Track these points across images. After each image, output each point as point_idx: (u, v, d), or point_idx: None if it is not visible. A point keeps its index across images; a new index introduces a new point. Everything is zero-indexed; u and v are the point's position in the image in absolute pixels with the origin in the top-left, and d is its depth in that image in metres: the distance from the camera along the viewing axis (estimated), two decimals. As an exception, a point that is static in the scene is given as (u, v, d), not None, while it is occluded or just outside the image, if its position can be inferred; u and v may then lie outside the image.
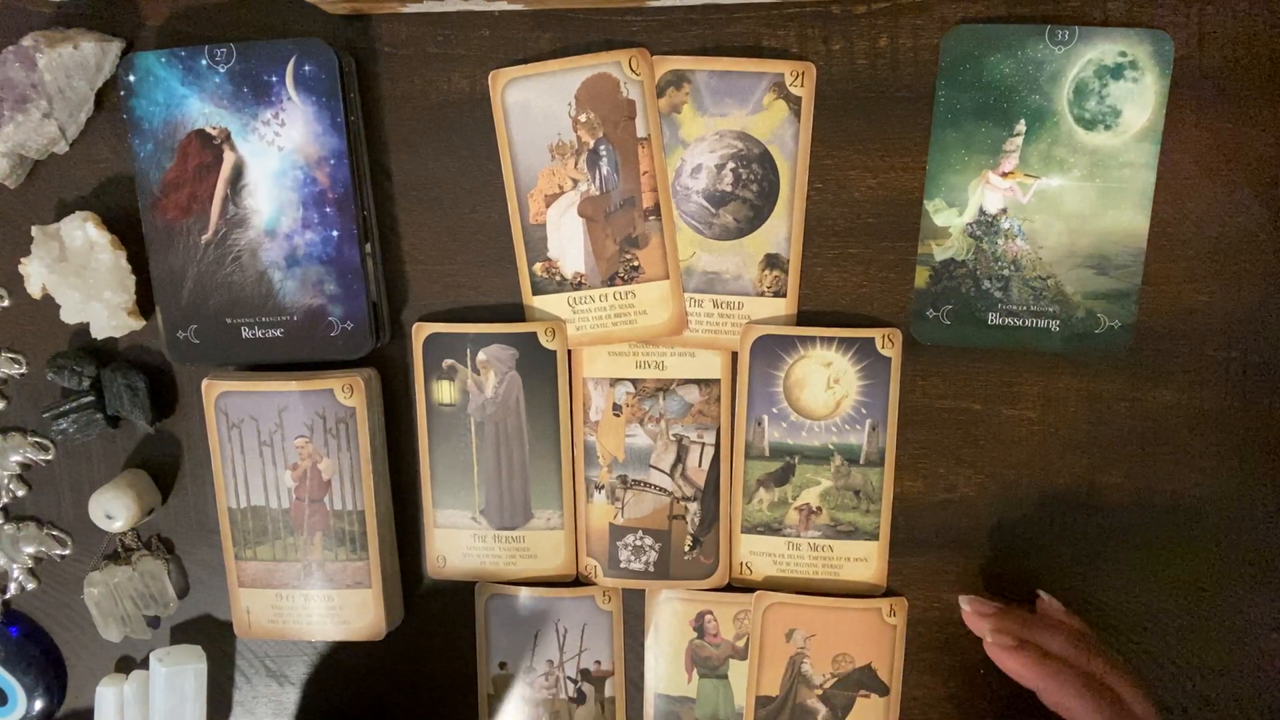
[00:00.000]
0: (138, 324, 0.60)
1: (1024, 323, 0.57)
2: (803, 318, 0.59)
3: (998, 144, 0.55)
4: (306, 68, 0.56)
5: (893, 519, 0.60)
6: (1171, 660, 0.60)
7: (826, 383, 0.59)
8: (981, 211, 0.56)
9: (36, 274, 0.59)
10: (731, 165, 0.58)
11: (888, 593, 0.61)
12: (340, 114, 0.57)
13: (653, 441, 0.61)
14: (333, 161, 0.57)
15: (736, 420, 0.60)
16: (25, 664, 0.66)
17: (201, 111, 0.57)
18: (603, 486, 0.61)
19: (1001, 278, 0.57)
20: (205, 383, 0.59)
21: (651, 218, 0.58)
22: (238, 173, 0.58)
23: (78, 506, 0.64)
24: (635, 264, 0.59)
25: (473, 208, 0.60)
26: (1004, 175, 0.56)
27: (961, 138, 0.56)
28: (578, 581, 0.63)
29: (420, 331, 0.60)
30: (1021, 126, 0.55)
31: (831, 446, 0.59)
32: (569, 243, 0.59)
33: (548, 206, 0.59)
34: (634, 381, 0.60)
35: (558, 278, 0.59)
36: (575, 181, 0.58)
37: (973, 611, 0.55)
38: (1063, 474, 0.59)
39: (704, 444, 0.60)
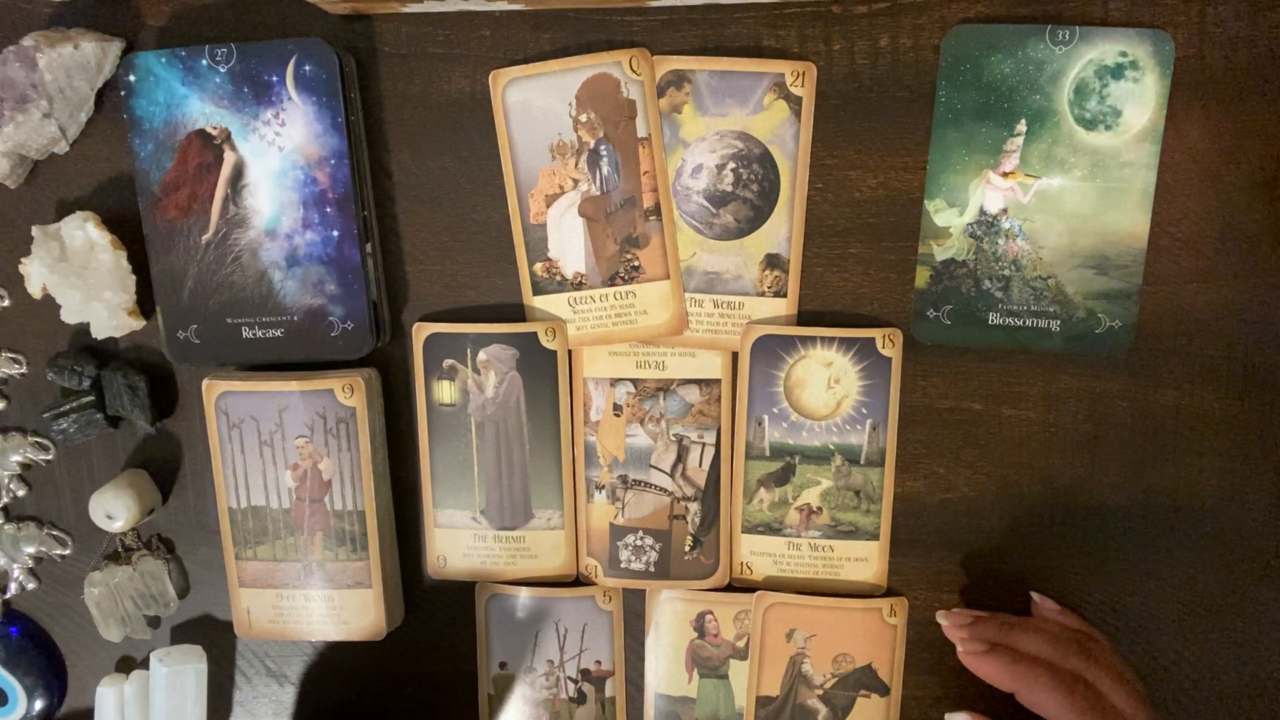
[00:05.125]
0: (138, 324, 0.60)
1: (1025, 323, 0.57)
2: (803, 318, 0.59)
3: (998, 144, 0.55)
4: (307, 68, 0.56)
5: (893, 519, 0.60)
6: (1171, 660, 0.60)
7: (827, 383, 0.59)
8: (982, 211, 0.56)
9: (37, 274, 0.59)
10: (732, 165, 0.58)
11: (888, 593, 0.61)
12: (340, 114, 0.57)
13: (653, 441, 0.61)
14: (333, 161, 0.57)
15: (737, 420, 0.60)
16: (25, 664, 0.65)
17: (202, 111, 0.57)
18: (603, 486, 0.61)
19: (1002, 278, 0.57)
20: (205, 383, 0.59)
21: (652, 218, 0.58)
22: (238, 173, 0.58)
23: (78, 506, 0.64)
24: (636, 264, 0.59)
25: (473, 208, 0.60)
26: (1004, 175, 0.56)
27: (962, 138, 0.56)
28: (578, 581, 0.63)
29: (420, 331, 0.60)
30: (1022, 126, 0.55)
31: (832, 446, 0.59)
32: (569, 243, 0.59)
33: (548, 206, 0.59)
34: (634, 381, 0.60)
35: (558, 278, 0.59)
36: (576, 181, 0.58)
37: (950, 624, 0.56)
38: (1063, 474, 0.59)
39: (704, 444, 0.60)
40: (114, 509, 0.61)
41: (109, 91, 0.60)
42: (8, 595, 0.66)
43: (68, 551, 0.66)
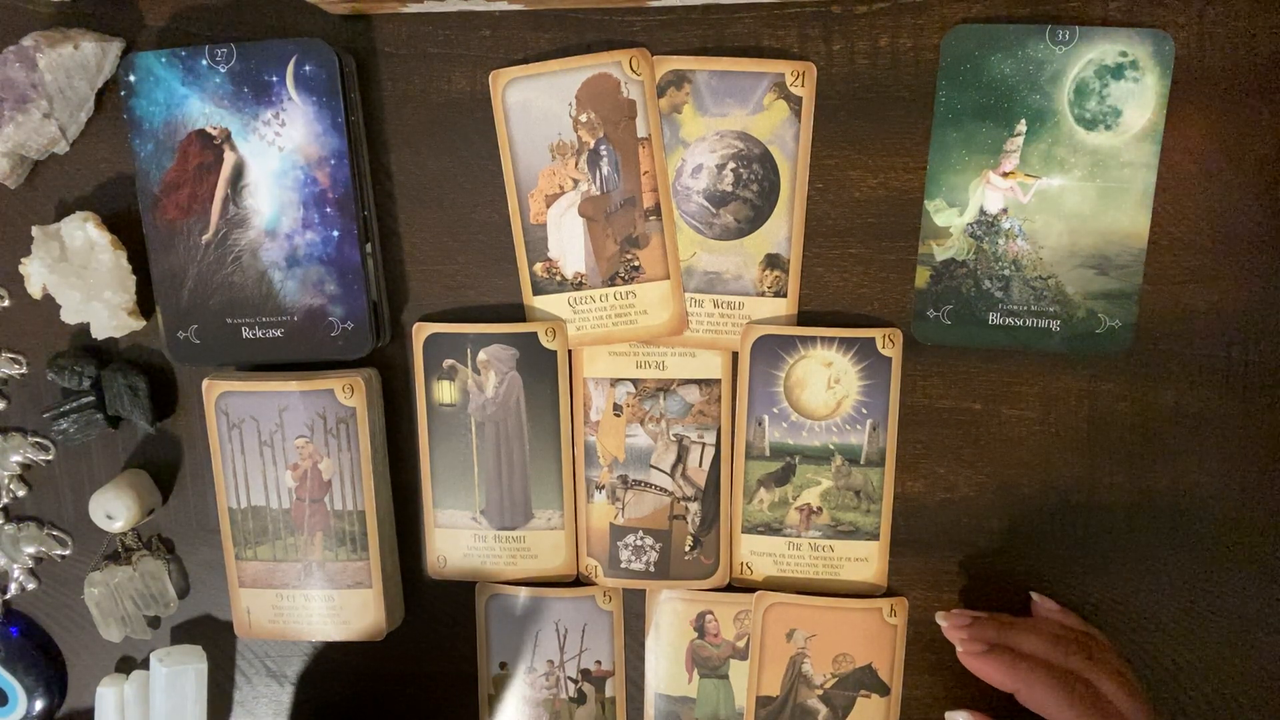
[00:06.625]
0: (138, 324, 0.60)
1: (1024, 323, 0.57)
2: (803, 318, 0.59)
3: (998, 144, 0.55)
4: (307, 68, 0.56)
5: (893, 519, 0.60)
6: (1171, 660, 0.60)
7: (827, 383, 0.59)
8: (982, 211, 0.56)
9: (37, 274, 0.59)
10: (732, 165, 0.58)
11: (888, 593, 0.61)
12: (340, 114, 0.57)
13: (653, 441, 0.61)
14: (333, 161, 0.57)
15: (737, 420, 0.60)
16: (25, 664, 0.65)
17: (202, 111, 0.57)
18: (603, 486, 0.61)
19: (1002, 278, 0.57)
20: (206, 383, 0.59)
21: (652, 218, 0.58)
22: (238, 173, 0.58)
23: (78, 506, 0.64)
24: (636, 264, 0.59)
25: (473, 208, 0.60)
26: (1004, 175, 0.56)
27: (962, 138, 0.56)
28: (578, 581, 0.63)
29: (420, 331, 0.60)
30: (1022, 126, 0.55)
31: (832, 446, 0.59)
32: (569, 243, 0.59)
33: (548, 206, 0.59)
34: (634, 381, 0.60)
35: (558, 278, 0.59)
36: (576, 181, 0.58)
37: (950, 625, 0.56)
38: (1063, 474, 0.59)
39: (704, 444, 0.60)
40: (114, 509, 0.61)
41: (109, 91, 0.60)
42: (8, 595, 0.66)
43: (68, 551, 0.66)
